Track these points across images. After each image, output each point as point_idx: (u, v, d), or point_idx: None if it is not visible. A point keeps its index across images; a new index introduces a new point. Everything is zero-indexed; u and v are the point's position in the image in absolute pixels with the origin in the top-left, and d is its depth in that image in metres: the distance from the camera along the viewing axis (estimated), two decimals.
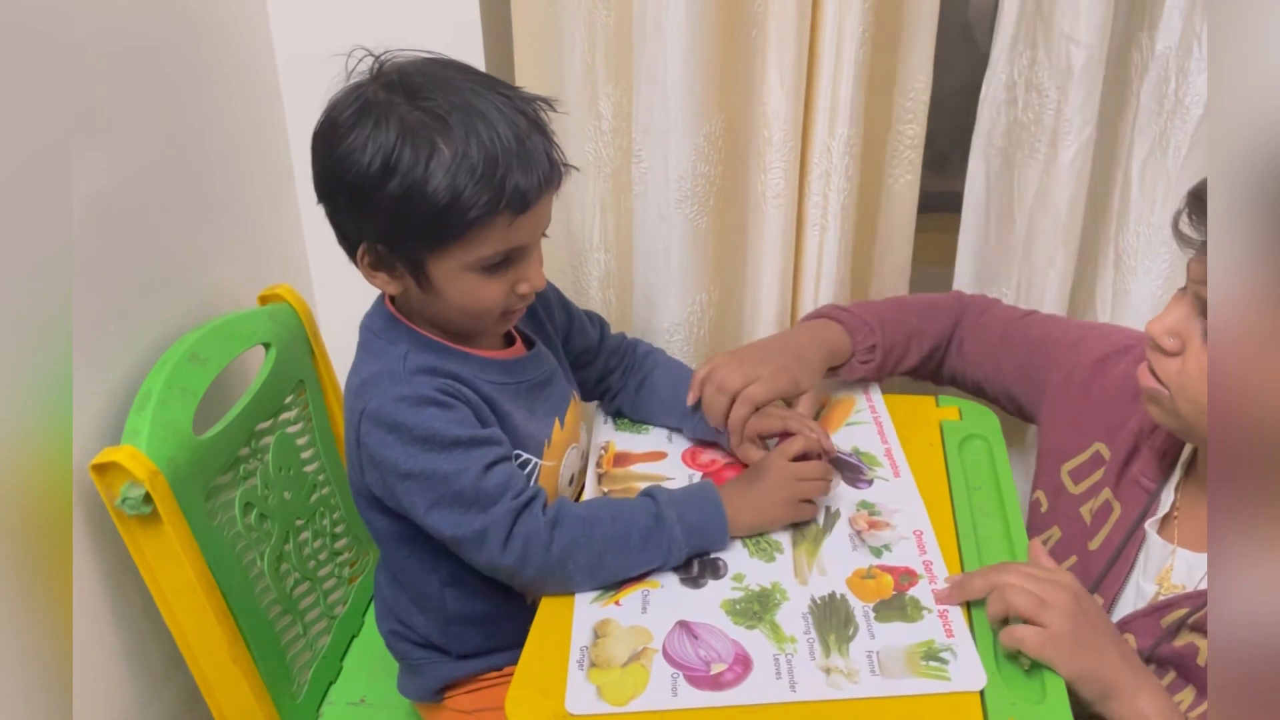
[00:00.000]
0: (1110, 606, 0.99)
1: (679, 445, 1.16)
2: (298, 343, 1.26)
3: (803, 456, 1.03)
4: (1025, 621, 0.84)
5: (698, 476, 1.10)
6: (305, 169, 1.46)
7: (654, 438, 1.18)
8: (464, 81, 0.91)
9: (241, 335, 1.17)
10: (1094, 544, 1.02)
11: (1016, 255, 1.38)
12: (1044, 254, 1.33)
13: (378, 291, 1.03)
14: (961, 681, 0.83)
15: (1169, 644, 0.91)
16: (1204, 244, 0.84)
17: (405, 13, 1.31)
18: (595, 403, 1.25)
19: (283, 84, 1.38)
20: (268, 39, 1.35)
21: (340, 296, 1.39)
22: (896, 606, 0.91)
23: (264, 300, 1.26)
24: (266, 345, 1.20)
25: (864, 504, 1.05)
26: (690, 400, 1.12)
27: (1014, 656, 0.85)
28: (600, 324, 1.21)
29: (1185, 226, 0.87)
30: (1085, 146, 1.27)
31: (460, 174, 0.87)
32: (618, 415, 1.22)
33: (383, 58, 0.93)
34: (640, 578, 0.96)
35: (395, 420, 0.93)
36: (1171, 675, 0.93)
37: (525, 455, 1.02)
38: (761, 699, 0.83)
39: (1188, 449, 1.01)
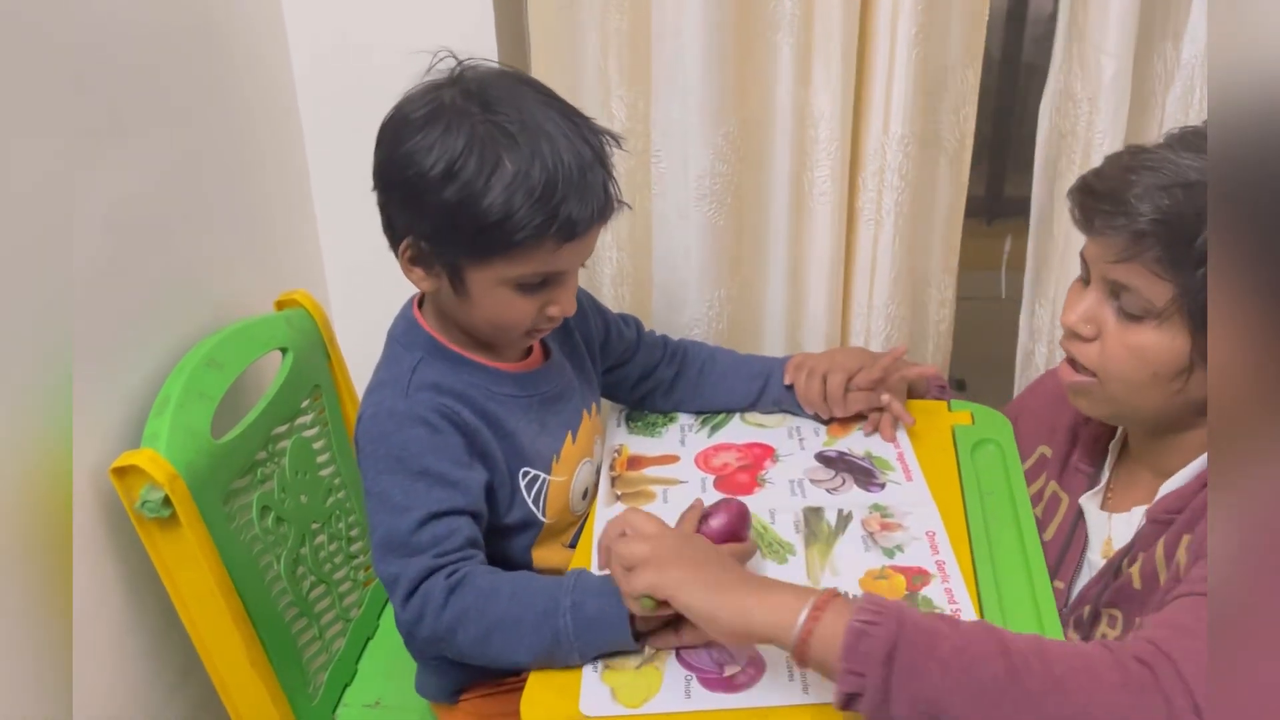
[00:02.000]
0: (1070, 587, 1.03)
1: (692, 448, 1.17)
2: (314, 348, 1.27)
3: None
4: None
5: (710, 480, 1.11)
6: (322, 175, 1.47)
7: (667, 441, 1.19)
8: (538, 103, 0.92)
9: (258, 340, 1.18)
10: (1048, 534, 1.06)
11: (1054, 268, 1.38)
12: None
13: (394, 298, 1.04)
14: None
15: (1111, 586, 0.95)
16: (1102, 224, 0.90)
17: (420, 18, 1.32)
18: (615, 406, 1.25)
19: (299, 91, 1.39)
20: (284, 47, 1.36)
21: (356, 302, 1.40)
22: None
23: (281, 306, 1.27)
24: (283, 350, 1.21)
25: (876, 506, 1.05)
26: (787, 380, 1.19)
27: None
28: (636, 324, 1.22)
29: (1080, 216, 0.92)
30: None
31: (518, 193, 0.88)
32: (676, 408, 1.24)
33: (465, 63, 0.94)
34: None
35: (380, 432, 0.95)
36: (1108, 616, 0.96)
37: (534, 471, 1.03)
38: (774, 701, 0.84)
39: (1120, 431, 1.06)
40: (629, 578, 0.85)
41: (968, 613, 0.91)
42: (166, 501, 0.97)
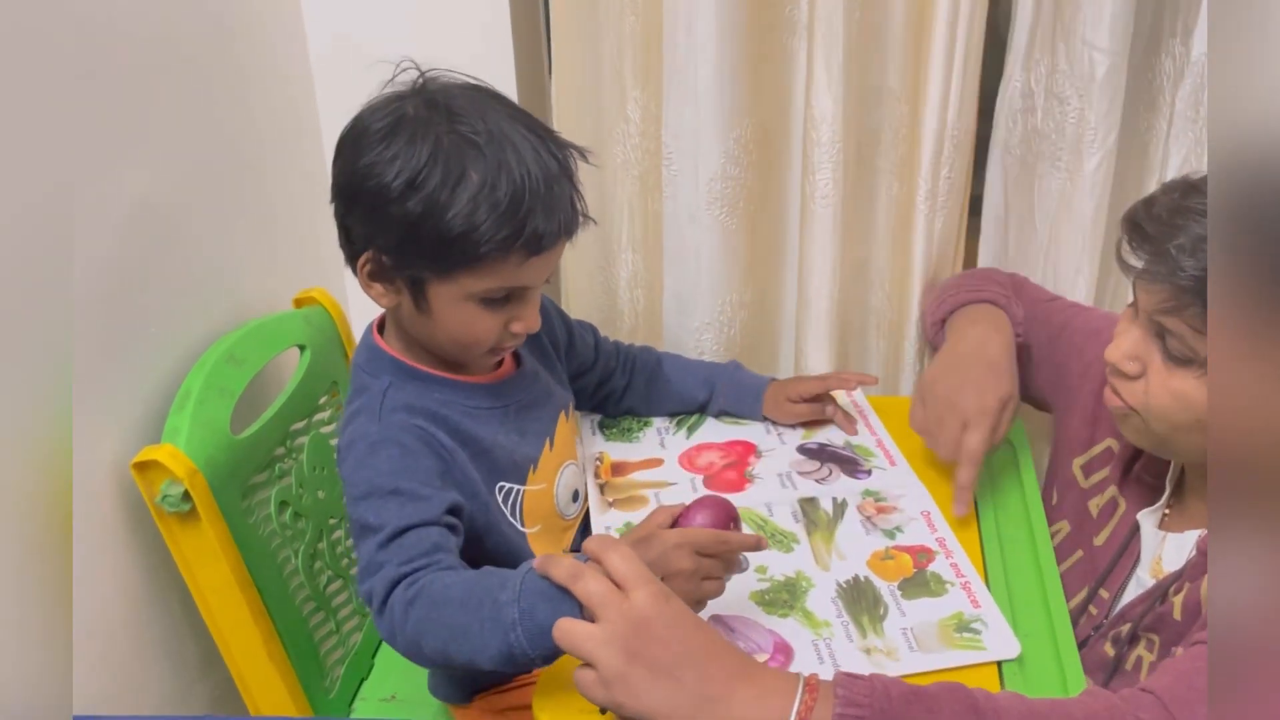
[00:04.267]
0: (1115, 599, 1.01)
1: (674, 449, 1.17)
2: (331, 345, 1.28)
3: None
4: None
5: (699, 479, 1.11)
6: None
7: (646, 445, 1.19)
8: (504, 116, 0.90)
9: (277, 337, 1.20)
10: (1099, 539, 1.04)
11: (1039, 263, 1.38)
12: (1069, 262, 1.33)
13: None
14: (998, 650, 0.86)
15: (1155, 610, 0.94)
16: (1144, 270, 0.86)
17: (437, 15, 1.33)
18: (584, 415, 1.24)
19: (317, 88, 1.40)
20: (302, 43, 1.38)
21: (373, 300, 1.41)
22: (920, 583, 0.94)
23: (299, 303, 1.29)
24: (301, 347, 1.22)
25: (868, 492, 1.07)
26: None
27: None
28: (593, 331, 1.21)
29: (1127, 255, 0.88)
30: (1110, 154, 1.27)
31: (483, 206, 0.86)
32: (627, 414, 1.23)
33: (428, 73, 0.92)
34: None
35: (356, 460, 0.92)
36: (1146, 640, 0.95)
37: (508, 485, 1.01)
38: None
39: None
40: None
41: (976, 584, 0.93)
42: (186, 496, 0.99)
